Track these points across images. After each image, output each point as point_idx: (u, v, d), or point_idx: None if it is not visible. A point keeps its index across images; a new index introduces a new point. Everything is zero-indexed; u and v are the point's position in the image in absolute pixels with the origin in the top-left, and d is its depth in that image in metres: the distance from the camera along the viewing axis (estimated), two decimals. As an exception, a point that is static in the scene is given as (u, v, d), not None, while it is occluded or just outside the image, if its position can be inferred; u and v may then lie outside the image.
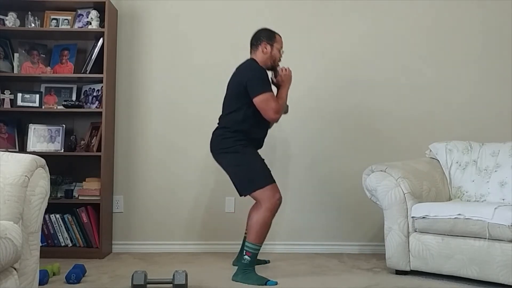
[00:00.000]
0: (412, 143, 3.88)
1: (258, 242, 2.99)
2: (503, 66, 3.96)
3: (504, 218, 2.70)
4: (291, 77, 3.21)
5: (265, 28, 3.24)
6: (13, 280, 1.86)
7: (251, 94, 3.02)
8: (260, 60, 3.16)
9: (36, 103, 3.68)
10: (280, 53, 3.23)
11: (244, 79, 3.05)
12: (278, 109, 3.06)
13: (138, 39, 3.95)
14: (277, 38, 3.22)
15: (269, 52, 3.18)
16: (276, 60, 3.22)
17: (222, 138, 3.11)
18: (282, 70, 3.19)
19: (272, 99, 3.04)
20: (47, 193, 2.07)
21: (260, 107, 3.03)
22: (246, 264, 2.97)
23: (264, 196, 2.99)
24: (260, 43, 3.19)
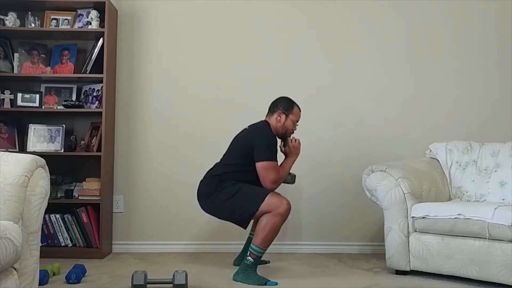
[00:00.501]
0: (412, 143, 3.88)
1: (264, 246, 2.97)
2: (503, 66, 3.96)
3: (504, 218, 2.70)
4: (299, 150, 3.22)
5: (287, 98, 3.25)
6: (13, 280, 1.86)
7: (255, 158, 3.02)
8: (272, 126, 3.18)
9: (36, 103, 3.68)
10: (294, 125, 3.24)
11: (253, 141, 3.06)
12: (276, 180, 3.05)
13: (138, 39, 3.95)
14: (294, 111, 3.22)
15: (282, 121, 3.19)
16: (288, 132, 3.23)
17: (214, 186, 3.08)
18: (291, 141, 3.21)
19: (273, 170, 3.03)
20: (47, 193, 2.07)
21: (259, 173, 3.03)
22: (248, 265, 2.96)
23: (272, 205, 2.95)
24: (276, 110, 3.20)
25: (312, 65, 3.96)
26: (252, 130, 3.15)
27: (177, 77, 3.94)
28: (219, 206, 3.07)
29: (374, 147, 3.91)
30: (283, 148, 3.26)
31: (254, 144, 3.04)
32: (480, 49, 3.98)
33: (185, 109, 3.93)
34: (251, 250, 2.97)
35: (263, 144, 3.05)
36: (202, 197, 3.15)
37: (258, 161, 3.02)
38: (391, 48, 3.98)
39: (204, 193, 3.13)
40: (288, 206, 2.97)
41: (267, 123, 3.18)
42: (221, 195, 3.04)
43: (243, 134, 3.19)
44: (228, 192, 3.02)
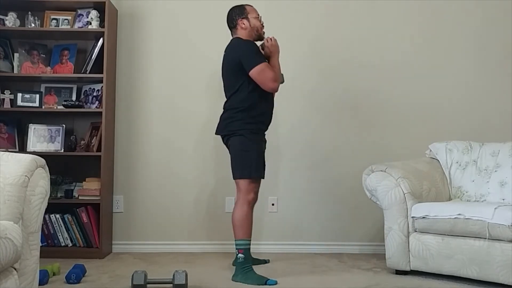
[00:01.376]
0: (412, 143, 3.88)
1: (246, 237, 2.99)
2: (503, 66, 3.96)
3: (504, 218, 2.70)
4: (277, 46, 3.18)
5: (234, 6, 3.22)
6: (13, 280, 1.86)
7: (247, 69, 3.01)
8: (244, 36, 3.15)
9: (36, 103, 3.68)
10: (260, 20, 3.21)
11: (236, 57, 3.05)
12: (275, 77, 3.05)
13: (138, 39, 3.95)
14: (248, 9, 3.19)
15: (248, 25, 3.16)
16: (259, 29, 3.20)
17: (230, 121, 3.10)
18: (268, 41, 3.17)
19: (267, 69, 3.03)
20: (47, 193, 2.07)
21: (257, 79, 3.02)
22: (242, 262, 2.97)
23: (242, 188, 3.04)
24: (236, 22, 3.17)
25: (313, 65, 3.96)
26: (230, 50, 3.14)
27: (177, 77, 3.94)
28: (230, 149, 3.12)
29: (374, 147, 3.91)
30: (263, 51, 3.20)
31: (239, 58, 3.03)
32: (480, 49, 3.98)
33: (186, 109, 3.93)
34: (237, 246, 3.00)
35: (246, 53, 3.04)
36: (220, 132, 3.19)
37: (250, 69, 3.00)
38: (391, 48, 3.98)
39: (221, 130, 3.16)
40: (253, 200, 3.07)
41: (238, 38, 3.16)
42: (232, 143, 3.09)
43: (225, 61, 3.17)
44: (237, 145, 3.06)
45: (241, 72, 3.04)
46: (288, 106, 3.82)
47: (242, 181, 3.05)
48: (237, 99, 3.08)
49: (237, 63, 3.04)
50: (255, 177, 3.08)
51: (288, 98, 3.80)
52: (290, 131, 3.91)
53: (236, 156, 3.08)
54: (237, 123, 3.07)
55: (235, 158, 3.09)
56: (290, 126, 3.90)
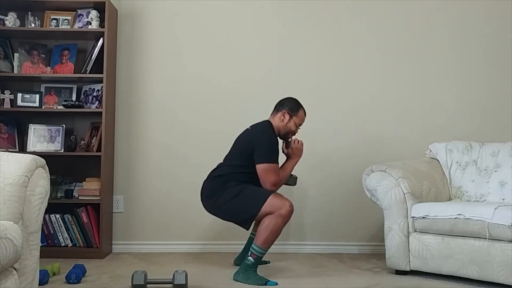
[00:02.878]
0: (412, 143, 3.88)
1: (265, 247, 2.96)
2: (503, 66, 3.96)
3: (504, 218, 2.70)
4: (302, 151, 3.22)
5: (294, 99, 3.24)
6: (13, 280, 1.86)
7: (256, 160, 3.02)
8: (275, 125, 3.17)
9: (36, 103, 3.68)
10: (297, 128, 3.23)
11: (254, 142, 3.05)
12: (276, 182, 3.04)
13: (138, 39, 3.95)
14: (299, 113, 3.21)
15: (285, 122, 3.18)
16: (290, 134, 3.22)
17: (218, 186, 3.08)
18: (294, 143, 3.20)
19: (273, 172, 3.02)
20: (47, 193, 2.07)
21: (259, 175, 3.03)
22: (249, 265, 2.96)
23: (274, 206, 2.94)
24: (281, 109, 3.19)
25: (313, 65, 3.96)
26: (254, 130, 3.15)
27: (177, 77, 3.94)
28: (222, 207, 3.06)
29: (374, 147, 3.91)
30: (285, 149, 3.25)
31: (255, 145, 3.04)
32: (480, 49, 3.98)
33: (186, 109, 3.93)
34: (252, 250, 2.97)
35: (264, 146, 3.04)
36: (205, 197, 3.15)
37: (258, 163, 3.01)
38: (391, 49, 3.97)
39: (208, 193, 3.12)
40: (291, 208, 2.96)
41: (269, 123, 3.17)
42: (224, 196, 3.03)
43: (245, 134, 3.19)
44: (231, 192, 3.02)
45: (251, 156, 3.04)
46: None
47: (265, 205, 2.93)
48: (233, 172, 3.07)
49: (251, 147, 3.05)
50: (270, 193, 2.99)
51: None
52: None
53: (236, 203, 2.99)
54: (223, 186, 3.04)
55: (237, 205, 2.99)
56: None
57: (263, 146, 3.04)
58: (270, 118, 3.23)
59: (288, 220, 2.99)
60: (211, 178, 3.16)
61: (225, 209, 3.06)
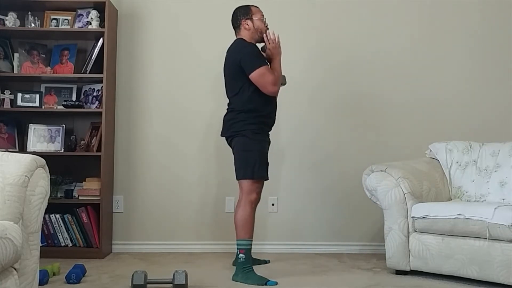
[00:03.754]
0: (412, 143, 3.88)
1: (247, 237, 2.99)
2: (503, 66, 3.96)
3: (504, 218, 2.70)
4: (279, 48, 3.16)
5: (239, 6, 3.22)
6: (13, 280, 1.86)
7: (247, 72, 3.01)
8: (247, 37, 3.15)
9: (36, 103, 3.68)
10: (264, 22, 3.20)
11: (237, 59, 3.05)
12: (275, 81, 3.04)
13: (138, 39, 3.95)
14: (253, 10, 3.19)
15: (251, 26, 3.15)
16: (263, 30, 3.18)
17: (232, 122, 3.10)
18: (270, 43, 3.16)
19: (267, 72, 3.02)
20: (47, 193, 2.07)
21: (257, 83, 3.02)
22: (243, 262, 2.97)
23: (245, 188, 3.03)
24: (240, 22, 3.17)
25: (313, 64, 3.96)
26: (232, 51, 3.13)
27: (177, 77, 3.94)
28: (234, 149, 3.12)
29: (374, 147, 3.91)
30: (264, 54, 3.19)
31: (239, 61, 3.03)
32: (480, 49, 3.98)
33: (185, 109, 3.93)
34: (238, 246, 2.99)
35: (247, 55, 3.04)
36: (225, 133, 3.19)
37: (250, 72, 3.00)
38: (391, 49, 3.98)
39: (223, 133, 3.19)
40: (256, 200, 3.05)
41: (240, 39, 3.16)
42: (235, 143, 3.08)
43: (226, 62, 3.16)
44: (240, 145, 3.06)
45: (242, 74, 3.04)
46: (289, 106, 3.81)
47: (244, 181, 3.05)
48: (239, 100, 3.08)
49: (237, 65, 3.04)
50: (258, 177, 3.07)
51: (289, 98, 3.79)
52: (290, 131, 3.90)
53: (239, 156, 3.08)
54: (239, 124, 3.06)
55: (238, 158, 3.08)
56: (290, 127, 3.89)
57: (246, 57, 3.03)
58: (238, 37, 3.19)
59: (256, 206, 3.07)
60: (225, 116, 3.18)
61: (235, 154, 3.11)
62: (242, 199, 3.05)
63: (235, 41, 3.17)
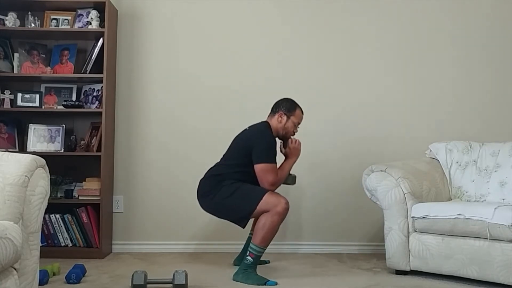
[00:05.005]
0: (412, 143, 3.88)
1: (263, 245, 2.96)
2: (504, 66, 3.96)
3: (504, 218, 2.70)
4: (299, 151, 3.21)
5: (290, 99, 3.24)
6: (13, 280, 1.86)
7: (254, 160, 3.02)
8: (273, 126, 3.17)
9: (36, 103, 3.68)
10: (295, 127, 3.23)
11: (252, 142, 3.06)
12: (275, 182, 3.03)
13: (138, 39, 3.95)
14: (296, 113, 3.21)
15: (283, 123, 3.18)
16: (289, 133, 3.22)
17: (214, 185, 3.08)
18: (292, 142, 3.19)
19: (271, 172, 3.02)
20: (47, 193, 2.07)
21: (258, 175, 3.03)
22: (248, 265, 2.96)
23: (270, 203, 2.94)
24: (278, 110, 3.19)
25: (313, 66, 3.96)
26: (252, 131, 3.15)
27: (177, 77, 3.94)
28: (218, 205, 3.07)
29: (374, 147, 3.91)
30: (283, 149, 3.25)
31: (253, 145, 3.04)
32: (480, 49, 3.98)
33: (185, 109, 3.93)
34: (250, 250, 2.97)
35: (262, 146, 3.04)
36: (201, 196, 3.15)
37: (257, 163, 3.01)
38: (391, 49, 3.98)
39: (204, 191, 3.14)
40: (287, 205, 2.96)
41: (267, 124, 3.18)
42: (220, 194, 3.04)
43: (243, 135, 3.19)
44: (227, 190, 3.02)
45: (248, 156, 3.04)
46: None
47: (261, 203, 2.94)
48: (230, 171, 3.07)
49: (248, 147, 3.05)
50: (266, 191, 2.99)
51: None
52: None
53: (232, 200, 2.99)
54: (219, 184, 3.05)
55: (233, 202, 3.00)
56: (290, 126, 3.90)
57: (261, 146, 3.04)
58: (267, 120, 3.23)
59: (285, 217, 2.99)
60: (207, 177, 3.17)
61: (221, 207, 3.07)
62: (271, 210, 2.94)
63: (262, 123, 3.18)
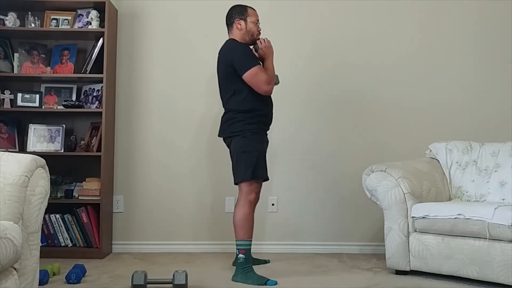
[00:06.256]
0: (412, 143, 3.88)
1: (247, 237, 2.99)
2: (503, 66, 3.96)
3: (504, 218, 2.70)
4: (271, 48, 3.15)
5: (236, 5, 3.20)
6: (13, 280, 1.86)
7: (240, 73, 3.00)
8: (238, 37, 3.13)
9: (36, 103, 3.68)
10: (257, 26, 3.18)
11: (229, 60, 3.04)
12: (268, 80, 3.03)
13: (138, 39, 3.95)
14: (249, 12, 3.17)
15: (244, 27, 3.13)
16: (254, 34, 3.16)
17: (231, 122, 3.09)
18: (261, 43, 3.14)
19: (260, 72, 3.01)
20: (47, 193, 2.07)
21: (250, 83, 3.00)
22: (243, 262, 2.96)
23: (244, 189, 3.02)
24: (233, 21, 3.15)
25: (313, 64, 3.96)
26: (223, 52, 3.12)
27: (177, 77, 3.94)
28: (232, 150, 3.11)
29: (374, 147, 3.91)
30: (257, 54, 3.17)
31: (231, 62, 3.02)
32: (480, 49, 3.98)
33: (186, 109, 3.93)
34: (238, 247, 2.99)
35: (239, 57, 3.02)
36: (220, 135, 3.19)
37: (243, 72, 2.99)
38: (392, 48, 3.98)
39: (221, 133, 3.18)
40: (254, 200, 3.05)
41: (231, 40, 3.14)
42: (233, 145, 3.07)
43: (219, 63, 3.15)
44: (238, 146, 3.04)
45: (236, 75, 3.03)
46: (289, 106, 3.82)
47: (242, 183, 3.04)
48: (236, 101, 3.07)
49: (230, 66, 3.03)
50: (258, 178, 3.06)
51: (289, 98, 3.81)
52: (290, 131, 3.90)
53: (239, 158, 3.06)
54: (238, 124, 3.05)
55: (238, 159, 3.07)
56: (290, 126, 3.89)
57: (238, 58, 3.02)
58: (230, 36, 3.18)
59: (255, 205, 3.06)
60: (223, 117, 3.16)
61: (233, 155, 3.10)
62: (241, 199, 3.04)
63: (227, 42, 3.16)
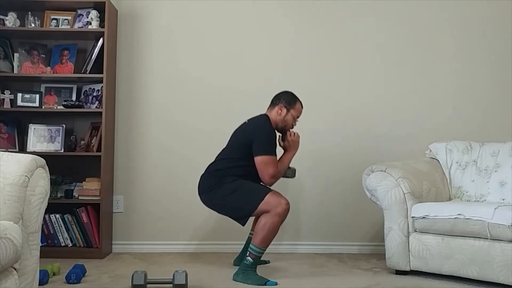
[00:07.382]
0: (412, 143, 3.88)
1: (263, 246, 2.96)
2: (504, 66, 3.96)
3: (504, 218, 2.70)
4: (298, 144, 3.21)
5: (290, 92, 3.24)
6: (13, 280, 1.86)
7: (254, 152, 3.02)
8: (272, 119, 3.16)
9: (36, 103, 3.68)
10: (294, 120, 3.22)
11: (252, 135, 3.05)
12: (275, 174, 3.03)
13: (138, 39, 3.95)
14: (296, 106, 3.21)
15: (283, 115, 3.17)
16: (288, 126, 3.21)
17: (215, 181, 3.07)
18: (291, 135, 3.19)
19: (272, 164, 3.02)
20: (47, 193, 2.07)
21: (258, 167, 3.02)
22: (248, 265, 2.96)
23: (271, 204, 2.94)
24: (278, 103, 3.18)
25: (313, 65, 3.96)
26: (251, 124, 3.15)
27: (177, 77, 3.94)
28: (219, 202, 3.07)
29: (374, 147, 3.91)
30: (282, 142, 3.23)
31: (253, 138, 3.04)
32: (480, 49, 3.98)
33: (185, 109, 3.93)
34: (250, 250, 2.97)
35: (262, 138, 3.04)
36: (203, 192, 3.15)
37: (257, 155, 3.01)
38: (392, 48, 3.98)
39: (205, 187, 3.13)
40: (287, 206, 2.96)
41: (266, 117, 3.17)
42: (221, 191, 3.04)
43: (242, 128, 3.19)
44: (228, 188, 3.02)
45: (248, 150, 3.03)
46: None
47: (262, 203, 2.94)
48: (230, 166, 3.07)
49: (248, 141, 3.05)
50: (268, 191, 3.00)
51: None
52: (290, 131, 3.90)
53: (233, 199, 2.99)
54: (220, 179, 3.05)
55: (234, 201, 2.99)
56: (290, 126, 3.90)
57: (261, 139, 3.03)
58: (267, 112, 3.22)
59: (285, 218, 2.99)
60: (208, 173, 3.16)
61: (222, 205, 3.07)
62: (272, 211, 2.93)
63: (262, 116, 3.17)
